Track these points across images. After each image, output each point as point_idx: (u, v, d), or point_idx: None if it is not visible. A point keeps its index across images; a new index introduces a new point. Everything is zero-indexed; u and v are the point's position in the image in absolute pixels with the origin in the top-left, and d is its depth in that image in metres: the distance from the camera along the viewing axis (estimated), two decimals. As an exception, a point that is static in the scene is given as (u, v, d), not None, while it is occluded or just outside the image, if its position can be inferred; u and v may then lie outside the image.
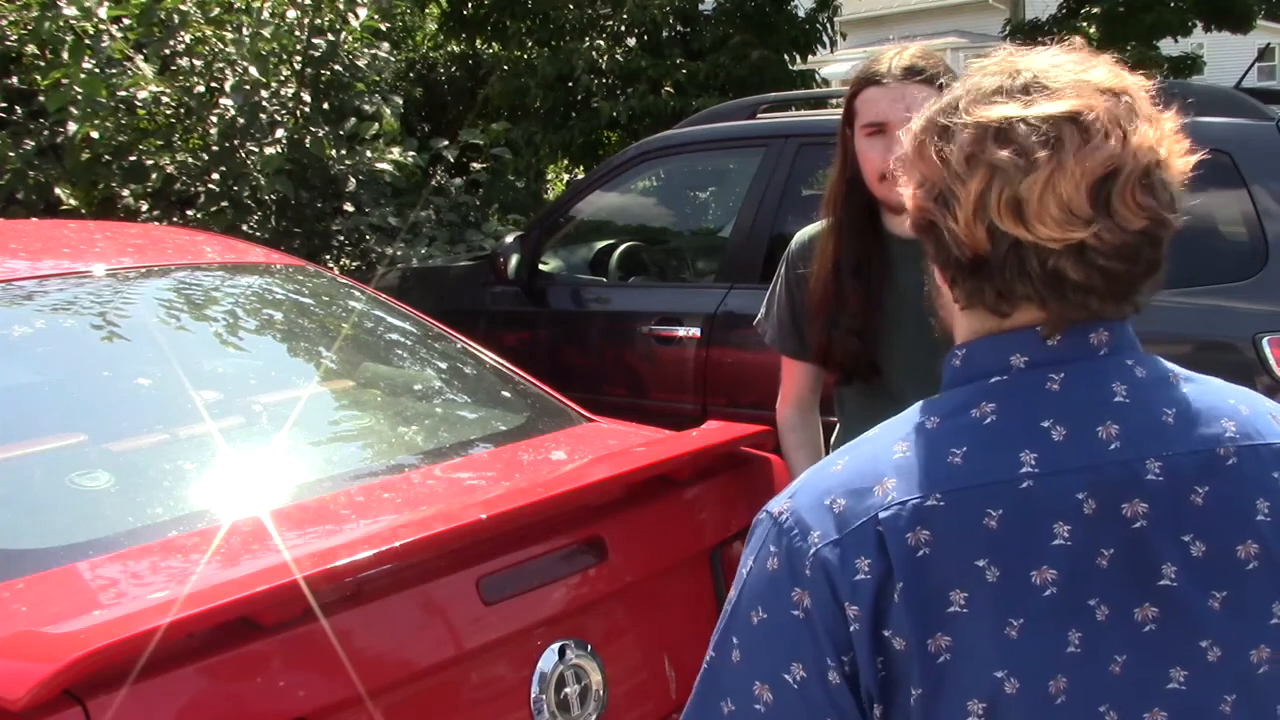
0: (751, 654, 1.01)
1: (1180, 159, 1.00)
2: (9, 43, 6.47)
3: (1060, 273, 0.97)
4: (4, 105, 6.97)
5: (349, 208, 6.83)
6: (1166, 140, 0.99)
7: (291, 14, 6.35)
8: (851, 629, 0.96)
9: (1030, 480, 0.96)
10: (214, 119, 6.16)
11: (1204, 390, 1.04)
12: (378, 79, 7.15)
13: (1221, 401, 1.04)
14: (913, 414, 1.05)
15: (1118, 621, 0.96)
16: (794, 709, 0.98)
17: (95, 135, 5.97)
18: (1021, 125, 0.96)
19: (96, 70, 5.84)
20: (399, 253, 6.64)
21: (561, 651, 1.88)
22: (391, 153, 6.65)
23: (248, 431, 2.33)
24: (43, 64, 6.20)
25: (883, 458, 1.01)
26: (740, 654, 1.02)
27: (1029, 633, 0.94)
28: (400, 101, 7.46)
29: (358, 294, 2.99)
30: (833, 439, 2.30)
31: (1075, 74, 1.00)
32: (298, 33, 6.36)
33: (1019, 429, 0.99)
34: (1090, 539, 0.96)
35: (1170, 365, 1.06)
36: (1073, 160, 0.95)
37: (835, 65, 14.29)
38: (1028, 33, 13.27)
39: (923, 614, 0.94)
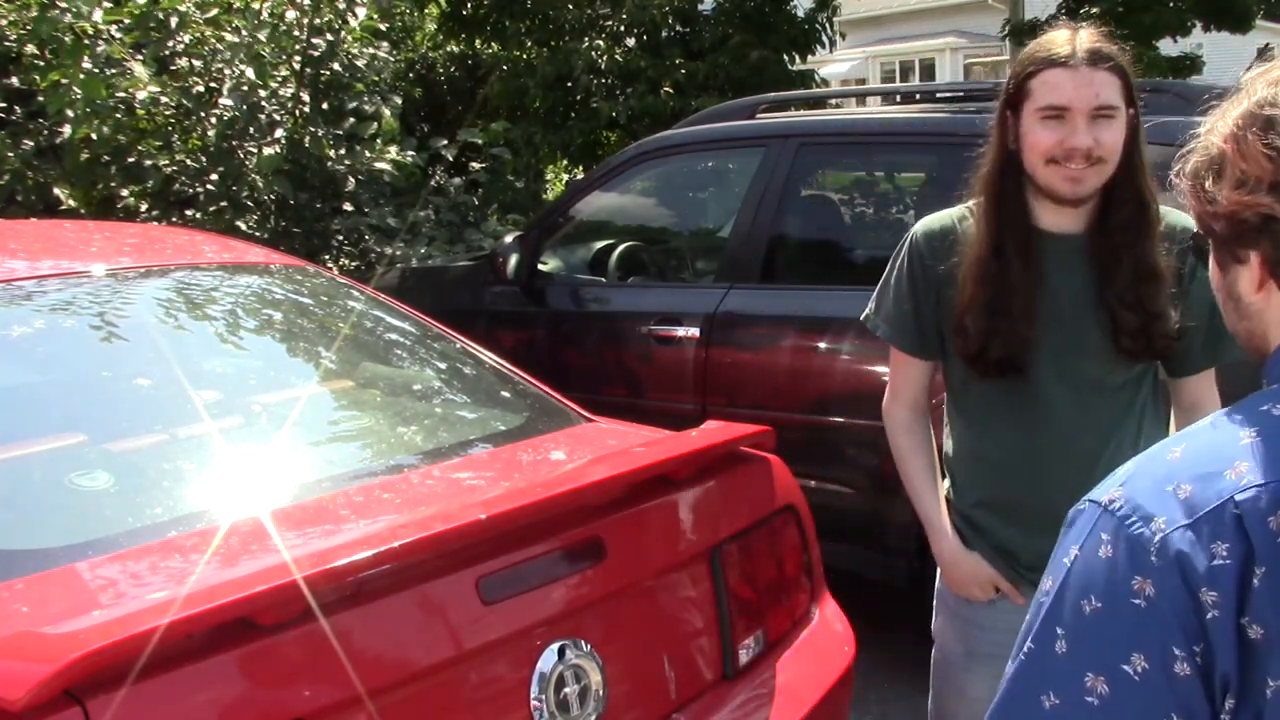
0: (1082, 645, 0.98)
1: None
2: (8, 43, 6.46)
3: None
4: (3, 105, 6.96)
5: (348, 208, 6.83)
6: None
7: (291, 14, 6.35)
8: (1208, 616, 0.93)
9: None
10: (213, 119, 6.16)
11: None
12: (377, 79, 7.15)
13: None
14: (1250, 404, 1.03)
15: None
16: (1134, 702, 0.94)
17: (94, 136, 5.97)
18: None
19: (95, 71, 5.84)
20: (398, 252, 6.64)
21: (561, 651, 1.88)
22: (390, 152, 6.65)
23: (247, 431, 2.33)
24: (42, 64, 6.20)
25: (1229, 443, 0.98)
26: (1067, 645, 0.98)
27: None
28: (399, 101, 7.46)
29: (357, 294, 2.99)
30: (952, 443, 2.17)
31: None
32: (297, 33, 6.36)
33: None
34: None
35: None
36: None
37: (834, 65, 14.30)
38: (1027, 32, 13.26)
39: None
